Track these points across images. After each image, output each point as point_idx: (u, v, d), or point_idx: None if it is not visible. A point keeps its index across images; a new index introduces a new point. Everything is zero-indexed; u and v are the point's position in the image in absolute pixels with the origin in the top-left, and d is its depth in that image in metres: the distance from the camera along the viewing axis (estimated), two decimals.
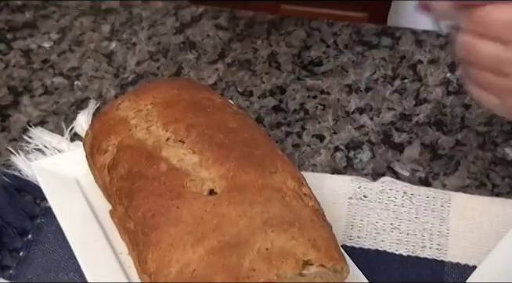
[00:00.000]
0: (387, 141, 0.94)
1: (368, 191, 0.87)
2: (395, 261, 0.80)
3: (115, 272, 0.76)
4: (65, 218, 0.81)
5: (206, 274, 0.66)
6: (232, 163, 0.74)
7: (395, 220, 0.84)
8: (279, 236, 0.68)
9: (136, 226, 0.72)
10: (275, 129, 0.96)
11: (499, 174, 0.90)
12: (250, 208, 0.70)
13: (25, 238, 0.83)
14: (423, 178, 0.90)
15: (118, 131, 0.79)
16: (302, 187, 0.75)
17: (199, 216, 0.69)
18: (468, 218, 0.84)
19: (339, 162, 0.92)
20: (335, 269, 0.69)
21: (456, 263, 0.80)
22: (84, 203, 0.83)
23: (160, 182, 0.72)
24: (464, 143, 0.93)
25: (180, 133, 0.77)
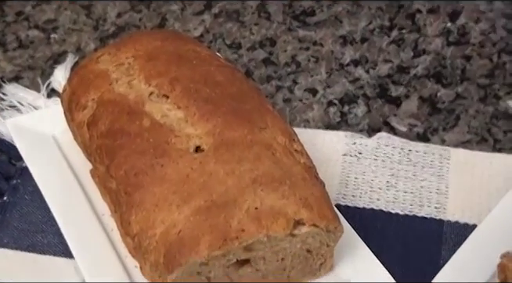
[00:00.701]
0: (384, 94, 0.94)
1: (363, 147, 0.86)
2: (391, 221, 0.80)
3: (97, 234, 0.76)
4: (43, 178, 0.81)
5: (192, 235, 0.66)
6: (220, 119, 0.73)
7: (392, 177, 0.84)
8: (269, 195, 0.68)
9: (118, 185, 0.71)
10: (265, 83, 0.95)
11: (501, 129, 0.90)
12: (238, 165, 0.70)
13: (0, 199, 0.83)
14: (421, 134, 0.89)
15: (98, 86, 0.78)
16: (293, 143, 0.74)
17: (185, 175, 0.69)
18: (468, 175, 0.84)
19: (333, 118, 0.91)
20: (328, 229, 0.70)
21: (455, 222, 0.80)
22: (63, 163, 0.83)
23: (143, 139, 0.72)
24: (465, 96, 0.93)
25: (164, 87, 0.76)
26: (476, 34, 1.00)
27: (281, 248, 0.69)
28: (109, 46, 0.84)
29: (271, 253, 0.69)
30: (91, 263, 0.73)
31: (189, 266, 0.65)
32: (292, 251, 0.70)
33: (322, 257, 0.72)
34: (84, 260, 0.73)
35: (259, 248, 0.68)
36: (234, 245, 0.66)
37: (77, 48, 1.00)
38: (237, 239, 0.66)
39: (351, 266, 0.74)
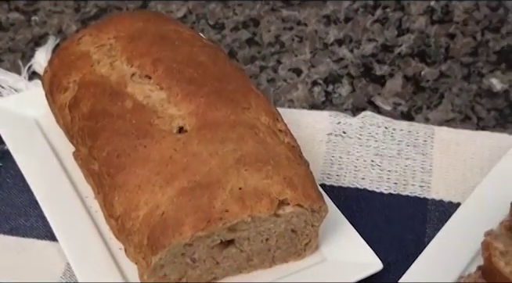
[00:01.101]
0: (368, 74, 0.94)
1: (347, 126, 0.86)
2: (376, 199, 0.81)
3: (81, 217, 0.75)
4: (25, 162, 0.80)
5: (176, 216, 0.65)
6: (203, 99, 0.73)
7: (376, 156, 0.84)
8: (253, 175, 0.68)
9: (101, 167, 0.71)
10: (248, 63, 0.95)
11: (485, 107, 0.90)
12: (221, 146, 0.69)
13: None
14: (406, 112, 0.89)
15: (79, 67, 0.77)
16: (277, 123, 0.74)
17: (168, 156, 0.69)
18: (452, 153, 0.84)
19: (317, 97, 0.91)
20: (312, 208, 0.70)
21: (439, 201, 0.80)
22: (46, 145, 0.82)
23: (125, 120, 0.71)
24: (448, 75, 0.93)
25: (146, 68, 0.75)
26: (459, 13, 1.00)
27: (265, 229, 0.69)
28: (90, 27, 0.83)
29: (255, 234, 0.69)
30: (75, 246, 0.73)
31: (173, 247, 0.65)
32: (276, 231, 0.70)
33: (307, 237, 0.72)
34: (68, 243, 0.73)
35: (243, 228, 0.68)
36: (218, 226, 0.66)
37: (59, 30, 0.99)
38: (221, 220, 0.66)
39: (337, 245, 0.74)
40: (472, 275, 0.68)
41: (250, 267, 0.72)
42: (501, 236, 0.70)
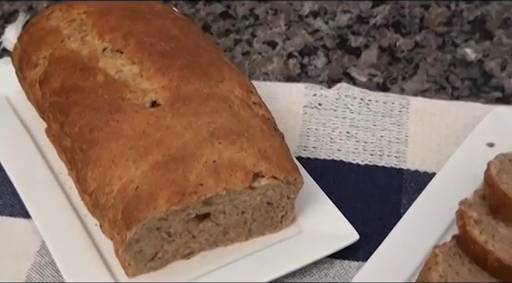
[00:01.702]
0: (343, 45, 0.94)
1: (323, 98, 0.86)
2: (352, 171, 0.81)
3: (55, 193, 0.75)
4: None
5: (150, 190, 0.65)
6: (175, 73, 0.72)
7: (352, 128, 0.84)
8: (227, 148, 0.68)
9: (73, 143, 0.70)
10: (223, 37, 0.94)
11: (459, 76, 0.90)
12: (195, 119, 0.69)
13: None
14: (381, 83, 0.90)
15: (49, 43, 0.76)
16: (251, 95, 0.74)
17: (141, 130, 0.68)
18: (427, 123, 0.84)
19: (292, 70, 0.91)
20: (288, 181, 0.70)
21: (414, 171, 0.80)
22: (17, 123, 0.81)
23: (97, 95, 0.71)
24: (423, 45, 0.93)
25: (117, 42, 0.75)
26: None
27: (241, 202, 0.69)
28: (59, 3, 0.82)
29: (231, 207, 0.69)
30: (50, 223, 0.72)
31: (148, 221, 0.65)
32: (252, 204, 0.70)
33: (284, 209, 0.72)
34: (42, 220, 0.72)
35: (218, 201, 0.68)
36: (193, 200, 0.66)
37: (29, 7, 0.98)
38: (196, 193, 0.65)
39: (313, 217, 0.74)
40: (447, 244, 0.68)
41: (226, 241, 0.72)
42: (475, 205, 0.71)
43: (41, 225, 0.72)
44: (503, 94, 0.88)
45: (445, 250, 0.67)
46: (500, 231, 0.68)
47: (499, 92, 0.88)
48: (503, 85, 0.89)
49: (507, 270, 0.65)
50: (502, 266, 0.66)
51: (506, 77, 0.90)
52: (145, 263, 0.69)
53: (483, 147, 0.79)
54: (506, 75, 0.90)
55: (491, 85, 0.89)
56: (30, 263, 0.72)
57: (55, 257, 0.70)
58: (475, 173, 0.74)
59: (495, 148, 0.78)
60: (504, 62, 0.91)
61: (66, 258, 0.70)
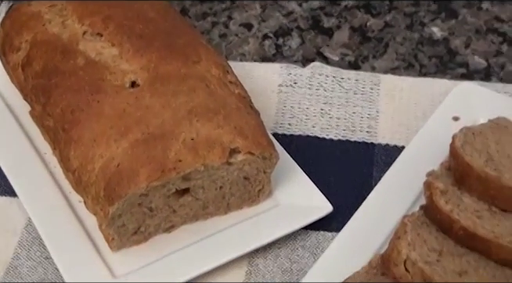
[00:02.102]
0: (316, 26, 0.93)
1: (298, 77, 0.86)
2: (326, 146, 0.81)
3: (40, 172, 0.74)
4: None
5: (131, 168, 0.65)
6: (154, 54, 0.72)
7: (326, 105, 0.84)
8: (205, 125, 0.68)
9: (56, 123, 0.70)
10: (201, 20, 0.94)
11: (426, 54, 0.90)
12: (173, 98, 0.69)
13: None
14: (353, 62, 0.89)
15: (31, 27, 0.76)
16: (227, 75, 0.74)
17: (121, 110, 0.68)
18: (397, 100, 0.84)
19: (268, 50, 0.91)
20: (263, 156, 0.69)
21: (385, 145, 0.81)
22: (2, 106, 0.80)
23: (78, 77, 0.70)
24: (392, 25, 0.93)
25: (97, 25, 0.74)
26: None
27: (219, 177, 0.69)
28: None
29: (209, 182, 0.69)
30: (35, 200, 0.72)
31: (129, 197, 0.65)
32: (230, 179, 0.70)
33: (260, 184, 0.72)
34: (28, 198, 0.72)
35: (197, 177, 0.68)
36: (172, 176, 0.65)
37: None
38: (175, 169, 0.65)
39: (289, 191, 0.74)
40: (415, 214, 0.69)
41: (206, 215, 0.72)
42: (441, 176, 0.71)
43: (27, 202, 0.72)
44: (468, 70, 0.88)
45: (414, 220, 0.67)
46: (465, 201, 0.69)
47: (464, 69, 0.88)
48: (468, 62, 0.89)
49: (472, 238, 0.66)
50: (467, 234, 0.66)
51: (470, 54, 0.90)
52: (128, 237, 0.69)
53: (449, 121, 0.79)
54: (470, 52, 0.90)
55: (456, 62, 0.89)
56: (17, 239, 0.72)
57: (41, 233, 0.70)
58: (442, 145, 0.74)
59: (460, 121, 0.78)
60: (468, 39, 0.91)
61: (51, 234, 0.69)
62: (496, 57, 0.89)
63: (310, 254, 0.71)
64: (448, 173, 0.71)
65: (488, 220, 0.67)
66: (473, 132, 0.73)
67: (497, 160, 0.70)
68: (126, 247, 0.70)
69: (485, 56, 0.89)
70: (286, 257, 0.71)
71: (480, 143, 0.72)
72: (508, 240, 0.65)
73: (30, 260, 0.71)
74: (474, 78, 0.87)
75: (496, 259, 0.65)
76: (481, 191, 0.69)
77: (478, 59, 0.89)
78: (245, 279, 0.70)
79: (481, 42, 0.91)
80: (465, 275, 0.64)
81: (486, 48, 0.90)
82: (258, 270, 0.70)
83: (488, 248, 0.65)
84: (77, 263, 0.68)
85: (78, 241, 0.69)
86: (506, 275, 0.65)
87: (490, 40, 0.91)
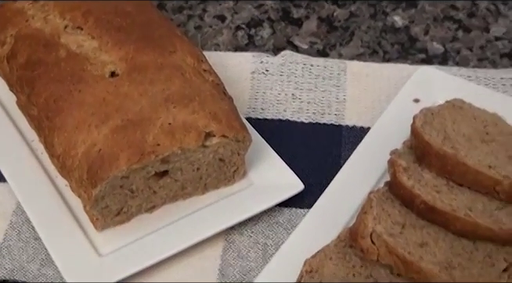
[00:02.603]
0: (287, 17, 0.93)
1: (270, 65, 0.86)
2: (297, 129, 0.81)
3: (27, 158, 0.74)
4: None
5: (112, 152, 0.65)
6: (131, 46, 0.71)
7: (296, 90, 0.84)
8: (181, 111, 0.67)
9: (40, 112, 0.69)
10: (177, 13, 0.93)
11: (389, 41, 0.90)
12: (151, 86, 0.69)
13: None
14: (321, 50, 0.89)
15: (15, 23, 0.75)
16: (202, 63, 0.73)
17: (101, 98, 0.68)
18: (363, 84, 0.84)
19: (241, 41, 0.90)
20: (237, 138, 0.70)
21: (352, 127, 0.81)
22: None
23: (60, 68, 0.70)
24: (357, 14, 0.93)
25: (77, 20, 0.74)
26: None
27: (195, 159, 0.69)
28: None
29: (186, 164, 0.69)
30: (24, 185, 0.72)
31: (111, 180, 0.65)
32: (206, 161, 0.70)
33: (235, 165, 0.72)
34: (17, 183, 0.72)
35: (175, 160, 0.68)
36: (151, 159, 0.65)
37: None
38: (153, 153, 0.65)
39: (262, 171, 0.75)
40: (380, 190, 0.69)
41: (185, 195, 0.72)
42: (404, 154, 0.72)
43: (15, 187, 0.71)
44: (427, 55, 0.89)
45: (379, 195, 0.68)
46: (425, 177, 0.69)
47: (424, 54, 0.89)
48: (427, 48, 0.89)
49: (431, 211, 0.66)
50: (427, 208, 0.66)
51: (429, 40, 0.90)
52: (111, 218, 0.69)
53: (410, 103, 0.79)
54: (429, 39, 0.90)
55: (416, 48, 0.90)
56: (7, 222, 0.72)
57: (30, 216, 0.69)
58: (404, 126, 0.74)
59: (421, 103, 0.79)
60: (427, 27, 0.92)
61: (40, 216, 0.69)
62: (452, 43, 0.90)
63: (283, 229, 0.72)
64: (410, 151, 0.72)
65: (446, 194, 0.68)
66: (432, 113, 0.74)
67: (453, 139, 0.71)
68: (110, 227, 0.70)
69: (443, 42, 0.90)
70: (261, 233, 0.72)
71: (438, 123, 0.73)
72: (464, 212, 0.66)
73: (20, 241, 0.71)
74: (432, 63, 0.87)
75: (454, 230, 0.66)
76: (440, 167, 0.69)
77: (436, 45, 0.90)
78: (222, 254, 0.70)
79: (439, 29, 0.91)
80: (426, 246, 0.64)
81: (443, 35, 0.91)
82: (235, 246, 0.71)
83: (447, 221, 0.66)
84: (65, 243, 0.68)
85: (65, 223, 0.69)
86: (463, 245, 0.66)
87: (447, 27, 0.91)
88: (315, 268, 0.65)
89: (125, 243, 0.69)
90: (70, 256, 0.67)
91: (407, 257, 0.63)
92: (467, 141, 0.71)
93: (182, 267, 0.69)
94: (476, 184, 0.68)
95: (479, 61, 0.87)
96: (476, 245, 0.66)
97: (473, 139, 0.72)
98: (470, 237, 0.66)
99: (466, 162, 0.68)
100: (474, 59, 0.88)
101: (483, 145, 0.71)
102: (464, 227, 0.66)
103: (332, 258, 0.66)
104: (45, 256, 0.69)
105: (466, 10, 0.93)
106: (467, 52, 0.88)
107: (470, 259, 0.65)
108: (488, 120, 0.75)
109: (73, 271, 0.66)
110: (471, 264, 0.64)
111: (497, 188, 0.68)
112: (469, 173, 0.68)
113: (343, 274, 0.65)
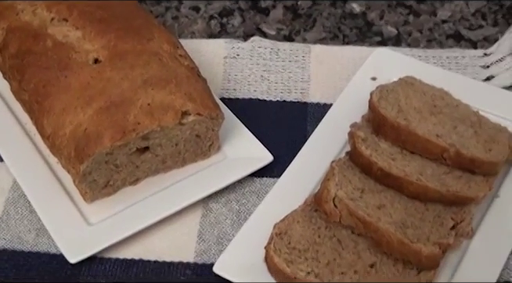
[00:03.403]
0: (255, 6, 0.92)
1: (240, 50, 0.86)
2: (266, 106, 0.81)
3: (22, 139, 0.74)
4: None
5: (96, 131, 0.65)
6: (112, 35, 0.71)
7: (265, 72, 0.84)
8: (159, 92, 0.67)
9: (30, 97, 0.69)
10: (156, 5, 0.92)
11: (348, 26, 0.90)
12: (131, 71, 0.68)
13: None
14: (287, 35, 0.89)
15: (6, 16, 0.74)
16: (177, 49, 0.73)
17: (86, 83, 0.67)
18: (325, 65, 0.84)
19: (214, 29, 0.90)
20: (211, 116, 0.69)
21: (316, 103, 0.81)
22: None
23: (47, 56, 0.69)
24: (319, 3, 0.92)
25: (63, 12, 0.73)
26: None
27: (173, 136, 0.69)
28: None
29: (165, 140, 0.69)
30: (19, 163, 0.71)
31: (96, 156, 0.65)
32: (183, 137, 0.70)
33: (210, 140, 0.72)
34: (13, 162, 0.71)
35: (155, 137, 0.68)
36: (132, 136, 0.65)
37: None
38: (134, 131, 0.65)
39: (235, 145, 0.75)
40: (342, 159, 0.70)
41: (165, 168, 0.72)
42: (362, 127, 0.72)
43: (12, 166, 0.71)
44: (382, 38, 0.89)
45: (340, 164, 0.68)
46: (381, 146, 0.70)
47: (379, 37, 0.89)
48: (382, 31, 0.89)
49: (387, 177, 0.67)
50: (383, 174, 0.67)
51: (384, 24, 0.90)
52: (99, 190, 0.69)
53: (368, 81, 0.79)
54: (384, 23, 0.90)
55: (372, 32, 0.89)
56: (4, 197, 0.72)
57: (25, 191, 0.69)
58: (362, 101, 0.74)
59: (377, 81, 0.79)
60: (382, 12, 0.91)
61: (34, 191, 0.69)
62: (404, 26, 0.90)
63: (255, 197, 0.72)
64: (367, 124, 0.72)
65: (400, 161, 0.68)
66: (387, 89, 0.74)
67: (406, 111, 0.71)
68: (98, 199, 0.70)
69: (396, 26, 0.90)
70: (236, 200, 0.72)
71: (392, 98, 0.73)
72: (416, 177, 0.66)
73: (17, 214, 0.70)
74: (387, 44, 0.88)
75: (407, 193, 0.67)
76: (394, 137, 0.70)
77: (390, 29, 0.90)
78: (200, 221, 0.70)
79: (392, 14, 0.91)
80: (383, 208, 0.65)
81: (396, 19, 0.91)
82: (212, 213, 0.71)
83: (401, 185, 0.67)
84: (57, 214, 0.68)
85: (57, 196, 0.69)
86: (415, 207, 0.66)
87: (399, 12, 0.91)
88: (284, 231, 0.66)
89: (112, 213, 0.69)
90: (62, 226, 0.67)
91: (366, 218, 0.63)
92: (418, 114, 0.72)
93: (164, 234, 0.69)
94: (426, 152, 0.69)
95: (428, 42, 0.88)
96: (427, 206, 0.67)
97: (423, 111, 0.72)
98: (421, 199, 0.67)
99: (417, 132, 0.69)
100: (423, 41, 0.88)
101: (432, 116, 0.72)
102: (416, 190, 0.66)
103: (299, 221, 0.66)
104: (39, 226, 0.69)
105: None
106: (418, 34, 0.89)
107: (421, 219, 0.65)
108: (435, 94, 0.75)
109: (65, 239, 0.66)
110: (423, 223, 0.65)
111: (444, 155, 0.69)
112: (419, 141, 0.69)
113: (309, 235, 0.65)
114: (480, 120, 0.73)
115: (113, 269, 0.66)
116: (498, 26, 0.89)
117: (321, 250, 0.64)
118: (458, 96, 0.75)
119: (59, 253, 0.66)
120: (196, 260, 0.67)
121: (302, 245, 0.65)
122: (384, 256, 0.64)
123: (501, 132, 0.72)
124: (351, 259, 0.64)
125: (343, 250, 0.64)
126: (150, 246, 0.68)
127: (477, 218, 0.68)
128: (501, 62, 0.83)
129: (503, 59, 0.83)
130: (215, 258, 0.66)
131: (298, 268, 0.62)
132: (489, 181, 0.68)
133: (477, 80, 0.81)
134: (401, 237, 0.62)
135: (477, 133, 0.71)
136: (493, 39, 0.87)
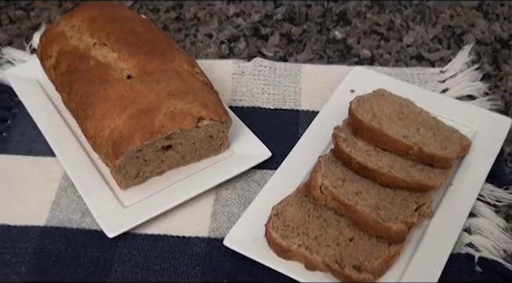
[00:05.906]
0: (257, 34, 0.92)
1: (245, 68, 0.85)
2: (266, 113, 0.80)
3: (71, 139, 0.73)
4: (32, 107, 0.76)
5: (129, 133, 0.64)
6: (142, 56, 0.70)
7: (265, 86, 0.83)
8: (179, 102, 0.67)
9: (77, 105, 0.68)
10: (177, 33, 0.92)
11: (332, 49, 0.89)
12: (156, 85, 0.68)
13: (5, 123, 0.78)
14: (283, 56, 0.88)
15: (58, 42, 0.74)
16: (194, 68, 0.72)
17: (121, 94, 0.67)
18: (313, 80, 0.84)
19: (224, 51, 0.89)
20: (221, 121, 0.69)
21: (306, 111, 0.80)
22: (44, 96, 0.78)
23: (90, 74, 0.69)
24: (308, 31, 0.92)
25: (103, 38, 0.72)
26: None
27: (191, 136, 0.68)
28: (64, 15, 0.78)
29: (185, 140, 0.68)
30: (68, 158, 0.71)
31: (129, 153, 0.64)
32: (199, 137, 0.69)
33: (221, 139, 0.72)
34: (64, 157, 0.71)
35: (176, 137, 0.67)
36: (158, 137, 0.65)
37: (48, 20, 0.94)
38: (160, 132, 0.65)
39: (240, 143, 0.74)
40: (327, 155, 0.69)
41: (185, 162, 0.72)
42: (343, 129, 0.71)
43: (63, 160, 0.71)
44: (359, 59, 0.88)
45: (326, 159, 0.68)
46: (359, 144, 0.69)
47: (357, 58, 0.88)
48: (359, 53, 0.88)
49: (364, 169, 0.67)
50: (360, 167, 0.67)
51: (361, 48, 0.89)
52: (131, 180, 0.68)
53: (348, 93, 0.79)
54: (361, 47, 0.89)
55: (351, 54, 0.88)
56: (57, 184, 0.71)
57: (73, 180, 0.69)
58: (344, 109, 0.74)
59: (355, 92, 0.78)
60: (359, 38, 0.91)
61: (80, 180, 0.69)
62: (377, 49, 0.89)
63: (257, 185, 0.72)
64: (348, 127, 0.72)
65: (374, 156, 0.68)
66: (363, 99, 0.73)
67: (378, 117, 0.71)
68: (130, 186, 0.69)
69: (370, 49, 0.89)
70: (241, 188, 0.71)
71: (367, 106, 0.72)
72: (387, 170, 0.66)
73: (67, 198, 0.70)
74: (363, 64, 0.87)
75: (380, 182, 0.66)
76: (369, 137, 0.69)
77: (366, 51, 0.89)
78: (213, 204, 0.70)
79: (367, 40, 0.90)
80: (360, 194, 0.65)
81: (370, 44, 0.90)
82: (222, 198, 0.70)
83: (375, 176, 0.66)
84: (98, 199, 0.67)
85: (98, 184, 0.69)
86: (386, 193, 0.66)
87: (373, 38, 0.91)
88: (280, 212, 0.65)
89: (142, 198, 0.68)
90: (102, 208, 0.66)
91: (347, 202, 0.63)
92: (388, 119, 0.71)
93: (184, 214, 0.69)
94: (395, 149, 0.69)
95: (396, 62, 0.87)
96: (396, 192, 0.66)
97: (392, 117, 0.72)
98: (391, 187, 0.66)
99: (387, 133, 0.68)
100: (392, 61, 0.87)
101: (399, 121, 0.71)
102: (387, 179, 0.66)
103: (292, 204, 0.66)
104: (84, 208, 0.69)
105: (386, 26, 0.92)
106: (388, 56, 0.88)
107: (391, 202, 0.65)
108: (402, 103, 0.74)
109: (105, 219, 0.66)
110: (393, 206, 0.64)
111: (409, 152, 0.68)
112: (390, 141, 0.68)
113: (300, 215, 0.65)
114: (437, 124, 0.72)
115: (143, 242, 0.66)
116: (451, 49, 0.88)
117: (310, 227, 0.64)
118: (420, 105, 0.75)
119: (100, 230, 0.66)
120: (210, 235, 0.67)
121: (295, 223, 0.64)
122: (361, 232, 0.63)
123: (454, 133, 0.72)
124: (334, 235, 0.63)
125: (328, 227, 0.64)
126: (173, 224, 0.68)
127: (435, 202, 0.67)
128: (454, 77, 0.83)
129: (456, 76, 0.83)
130: (226, 233, 0.66)
131: (292, 241, 0.62)
132: (445, 173, 0.68)
133: (436, 92, 0.80)
134: (375, 217, 0.62)
135: (435, 134, 0.71)
136: (447, 59, 0.86)
